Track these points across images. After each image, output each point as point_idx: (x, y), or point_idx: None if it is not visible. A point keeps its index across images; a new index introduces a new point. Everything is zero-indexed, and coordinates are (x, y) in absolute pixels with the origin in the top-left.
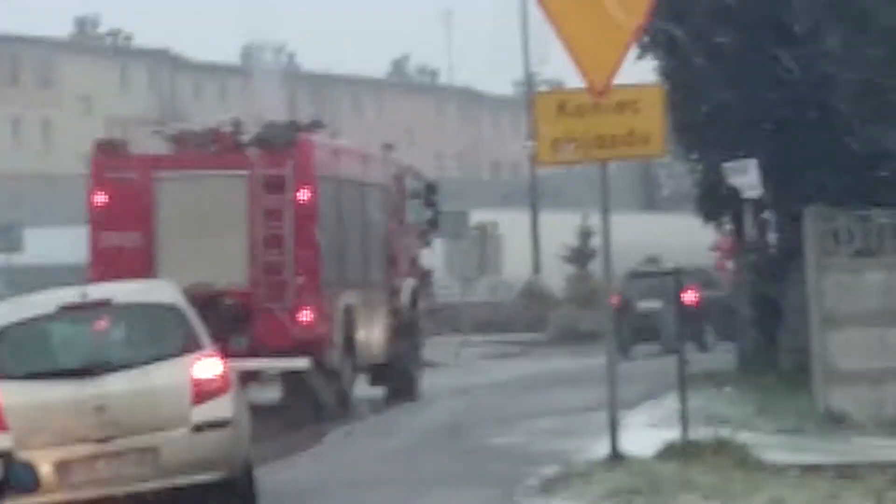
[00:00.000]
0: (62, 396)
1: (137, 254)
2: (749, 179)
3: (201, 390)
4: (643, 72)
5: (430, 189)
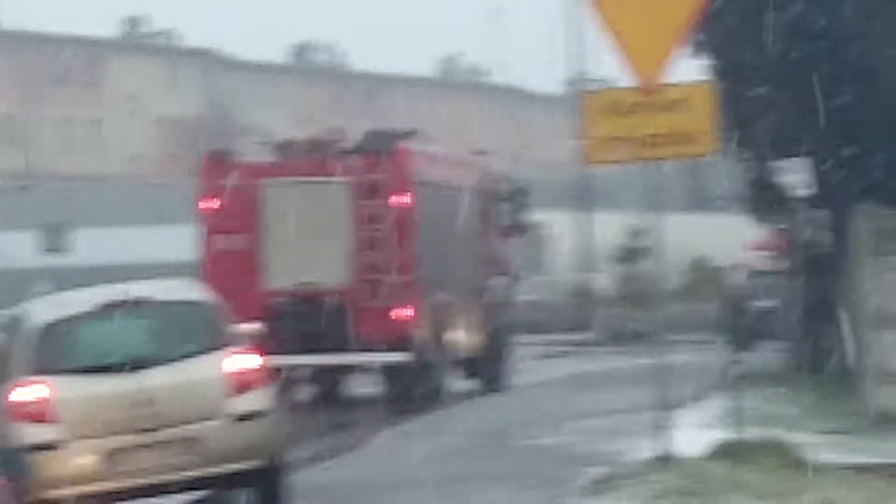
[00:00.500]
0: (109, 390)
1: (246, 256)
2: (801, 178)
3: (239, 383)
4: (694, 70)
5: (520, 192)
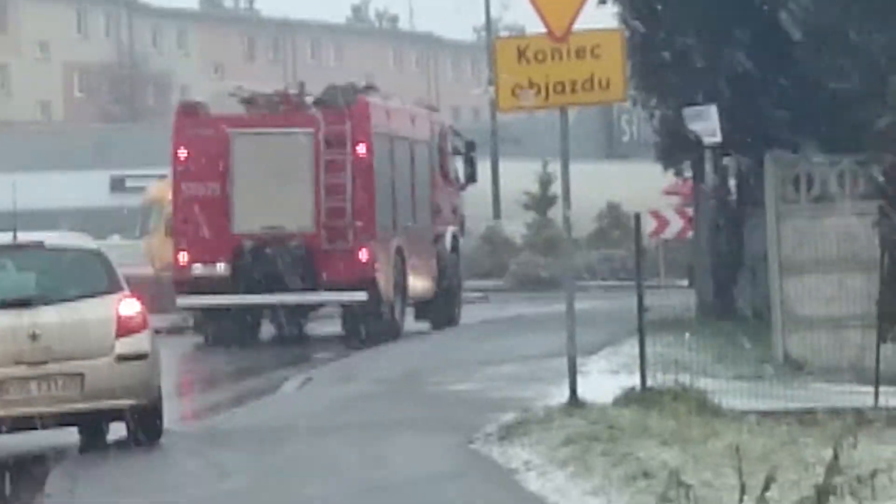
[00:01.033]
0: (1, 324)
1: (216, 201)
2: (709, 125)
3: (124, 326)
4: (605, 17)
5: (469, 146)
